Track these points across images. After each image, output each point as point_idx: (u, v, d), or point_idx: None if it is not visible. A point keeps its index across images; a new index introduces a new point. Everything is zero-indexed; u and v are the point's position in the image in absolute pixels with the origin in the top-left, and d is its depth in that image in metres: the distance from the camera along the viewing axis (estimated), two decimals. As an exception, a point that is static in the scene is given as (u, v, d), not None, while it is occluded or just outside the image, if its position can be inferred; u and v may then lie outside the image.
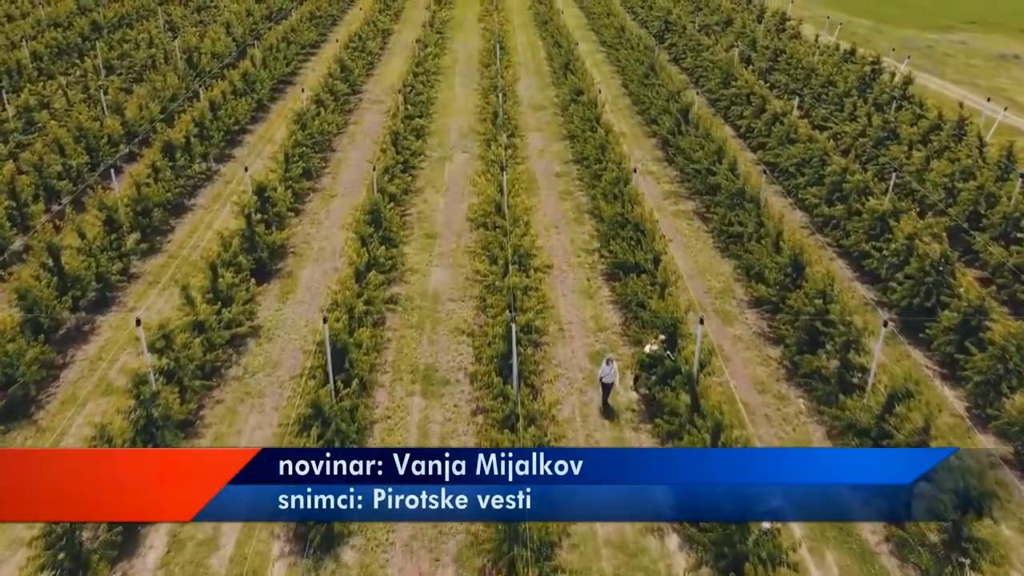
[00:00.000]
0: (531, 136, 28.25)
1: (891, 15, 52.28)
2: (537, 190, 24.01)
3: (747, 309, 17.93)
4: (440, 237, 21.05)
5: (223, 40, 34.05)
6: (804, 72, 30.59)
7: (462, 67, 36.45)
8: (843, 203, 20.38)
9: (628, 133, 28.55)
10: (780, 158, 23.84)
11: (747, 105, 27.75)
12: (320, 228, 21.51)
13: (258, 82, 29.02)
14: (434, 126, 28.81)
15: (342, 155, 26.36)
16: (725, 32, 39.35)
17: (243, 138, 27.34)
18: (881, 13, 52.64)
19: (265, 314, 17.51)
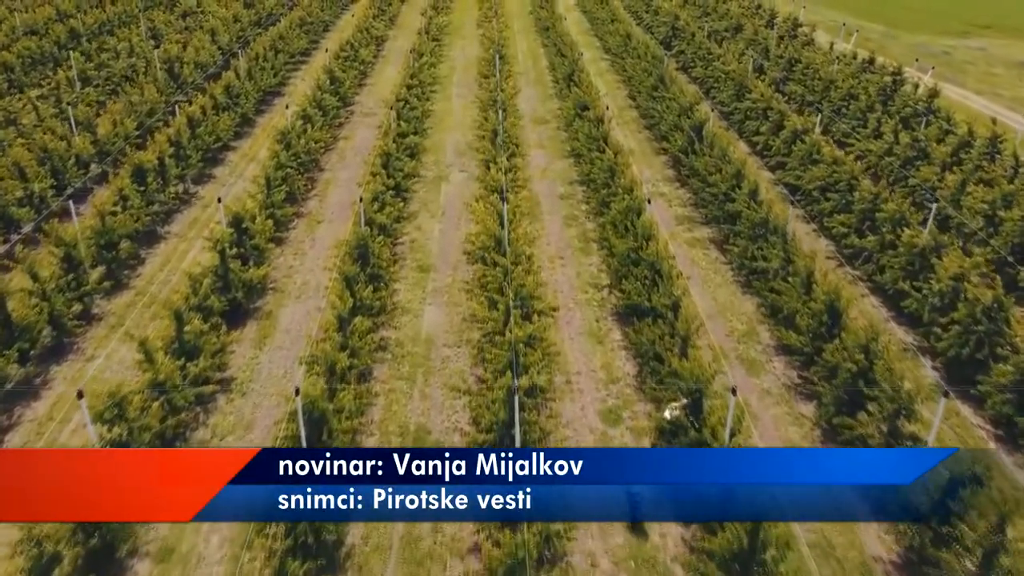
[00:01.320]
0: (533, 153, 26.50)
1: (903, 19, 50.54)
2: (540, 214, 22.26)
3: (774, 356, 16.18)
4: (435, 270, 19.29)
5: (207, 49, 32.27)
6: (822, 84, 28.85)
7: (460, 76, 34.69)
8: (875, 234, 18.64)
9: (636, 150, 26.79)
10: (802, 180, 22.08)
11: (763, 120, 26.01)
12: (304, 259, 19.74)
13: (242, 95, 27.25)
14: (430, 142, 27.05)
15: (331, 175, 24.60)
16: (735, 39, 37.61)
17: (225, 156, 25.57)
18: (892, 17, 50.90)
19: (239, 362, 15.75)
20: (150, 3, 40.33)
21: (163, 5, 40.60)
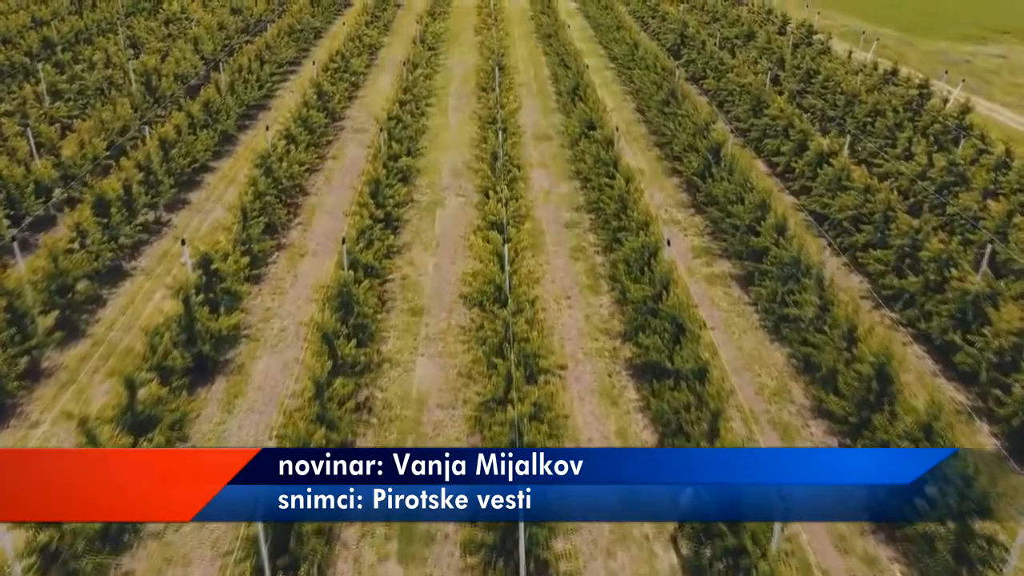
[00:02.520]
0: (535, 173, 24.60)
1: (917, 24, 48.63)
2: (543, 245, 20.37)
3: (811, 420, 14.30)
4: (428, 313, 17.40)
5: (189, 59, 30.35)
6: (844, 98, 26.96)
7: (457, 88, 32.79)
8: (917, 274, 16.76)
9: (646, 170, 24.90)
10: (830, 209, 20.20)
11: (784, 139, 24.11)
12: (283, 300, 17.85)
13: (222, 111, 25.34)
14: (424, 162, 25.16)
15: (316, 199, 22.69)
16: (746, 47, 35.75)
17: (203, 178, 23.66)
18: (905, 22, 48.99)
19: (204, 429, 13.86)
20: (132, 9, 38.41)
21: (146, 11, 38.67)
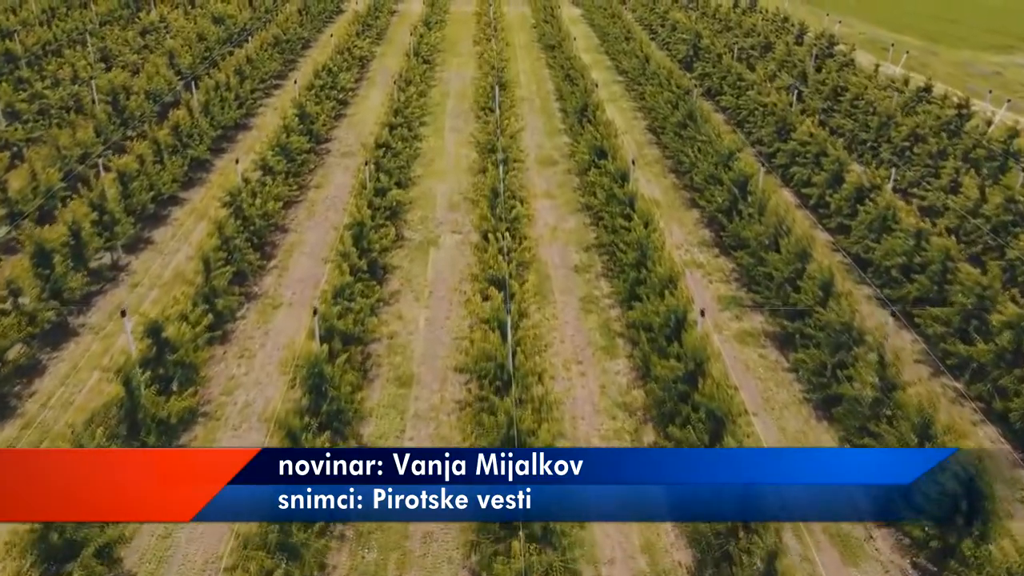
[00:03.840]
0: (539, 204, 22.23)
1: (940, 32, 46.22)
2: (550, 292, 17.99)
3: (875, 530, 11.93)
4: (418, 383, 15.00)
5: (163, 74, 27.94)
6: (878, 119, 24.58)
7: (454, 105, 30.40)
8: (987, 340, 14.40)
9: (662, 201, 22.52)
10: (874, 254, 17.82)
11: (815, 168, 21.73)
12: (251, 365, 15.45)
13: (194, 136, 22.95)
14: (417, 191, 22.79)
15: (296, 237, 20.30)
16: (764, 58, 33.39)
17: (170, 212, 21.27)
18: (928, 30, 46.58)
19: (143, 545, 11.48)
20: (107, 18, 35.99)
21: (122, 20, 36.26)
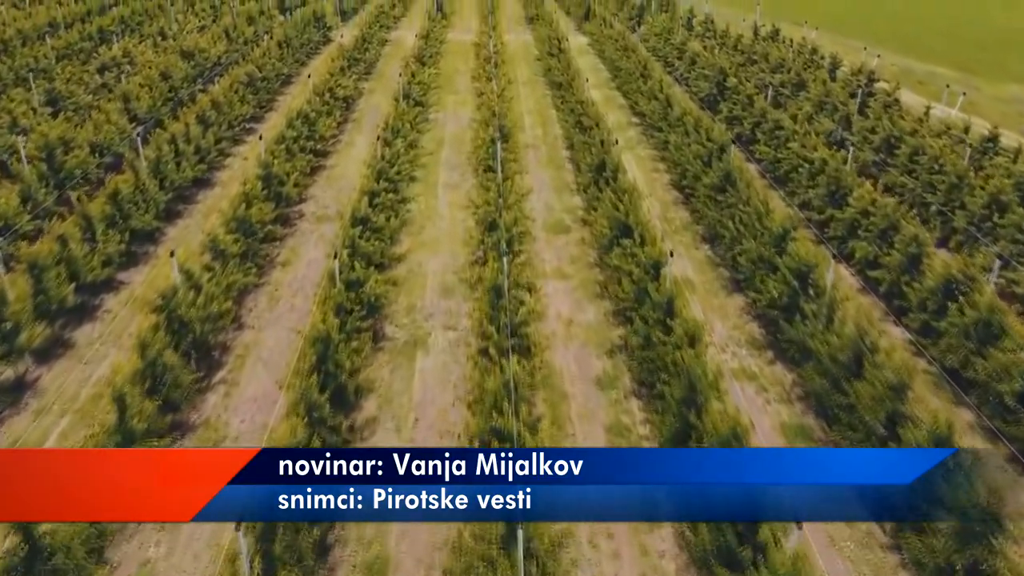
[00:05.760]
0: (550, 288, 18.49)
1: (975, 62, 42.60)
2: (566, 422, 14.19)
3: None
4: (396, 573, 11.18)
5: (115, 121, 24.26)
6: (947, 180, 20.92)
7: (449, 154, 26.74)
8: None
9: (696, 282, 18.79)
10: (975, 369, 14.05)
11: (885, 246, 18.01)
12: (172, 547, 11.63)
13: (139, 202, 19.25)
14: (405, 269, 19.06)
15: (252, 337, 16.51)
16: (797, 98, 29.81)
17: (101, 302, 17.50)
18: (961, 60, 42.98)
19: None
20: (66, 51, 32.39)
21: (82, 54, 32.64)
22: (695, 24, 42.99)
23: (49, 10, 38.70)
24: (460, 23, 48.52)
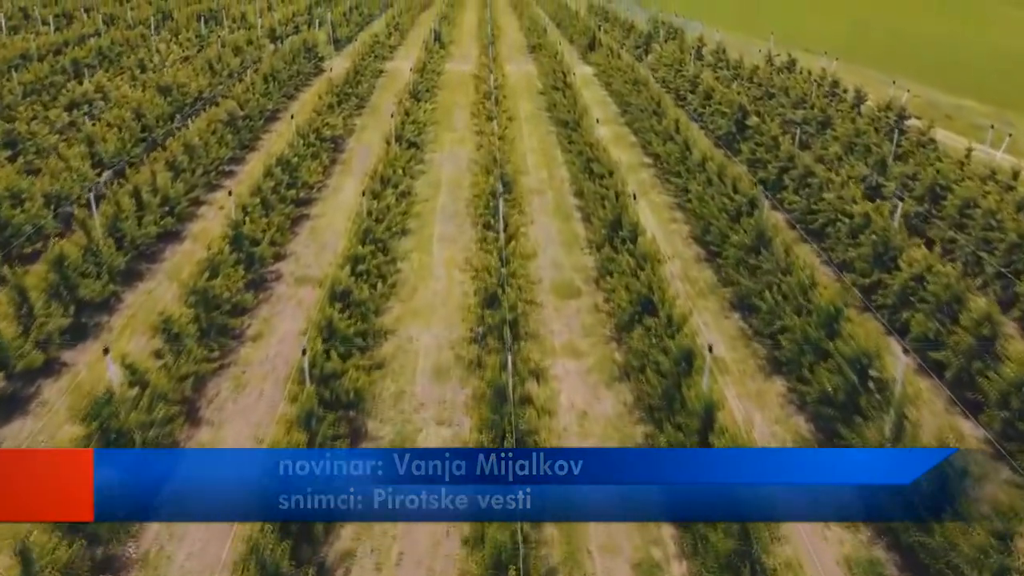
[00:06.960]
0: (560, 368, 16.00)
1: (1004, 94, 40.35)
2: (583, 556, 11.65)
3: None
4: None
5: (76, 168, 21.89)
6: (1007, 239, 18.51)
7: (446, 200, 24.35)
8: None
9: (729, 361, 16.30)
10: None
11: (945, 320, 15.55)
12: None
13: (90, 268, 16.84)
14: (391, 348, 16.57)
15: (211, 436, 13.97)
16: (822, 135, 27.50)
17: (37, 389, 15.02)
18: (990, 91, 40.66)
19: None
20: (34, 86, 30.10)
21: (52, 89, 30.36)
22: (705, 53, 40.80)
23: (23, 41, 36.48)
24: (459, 52, 46.39)
